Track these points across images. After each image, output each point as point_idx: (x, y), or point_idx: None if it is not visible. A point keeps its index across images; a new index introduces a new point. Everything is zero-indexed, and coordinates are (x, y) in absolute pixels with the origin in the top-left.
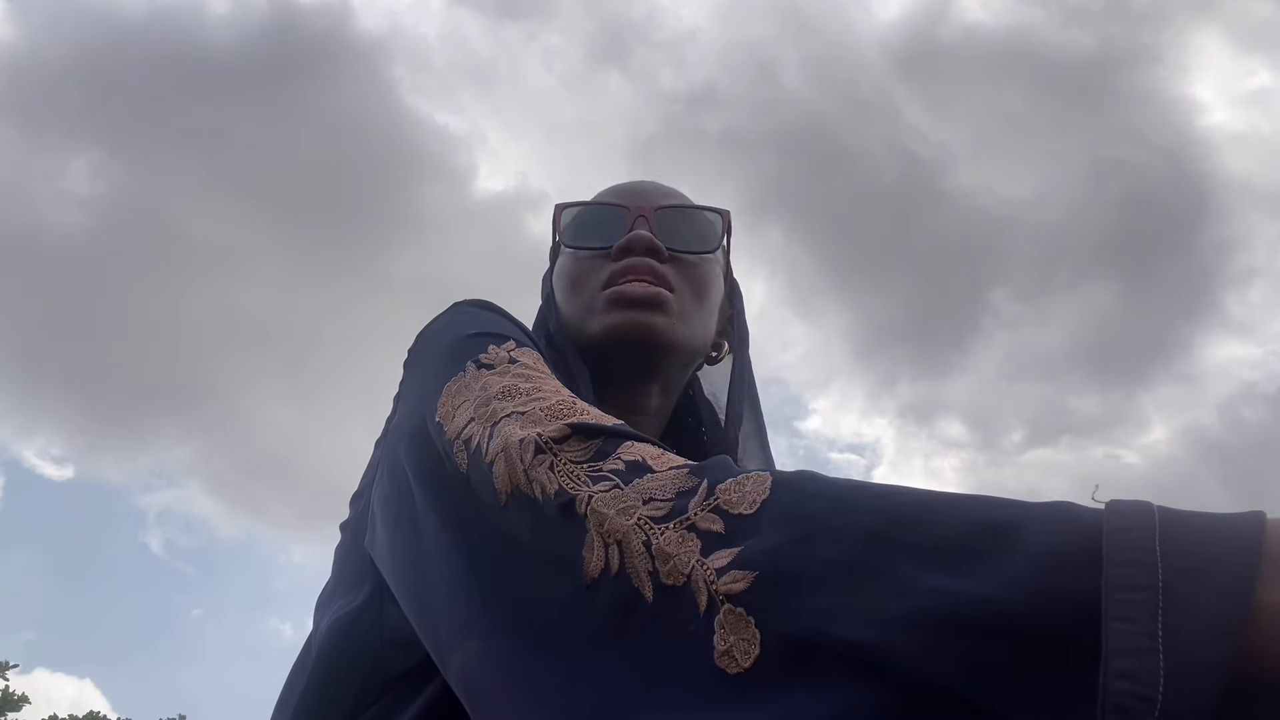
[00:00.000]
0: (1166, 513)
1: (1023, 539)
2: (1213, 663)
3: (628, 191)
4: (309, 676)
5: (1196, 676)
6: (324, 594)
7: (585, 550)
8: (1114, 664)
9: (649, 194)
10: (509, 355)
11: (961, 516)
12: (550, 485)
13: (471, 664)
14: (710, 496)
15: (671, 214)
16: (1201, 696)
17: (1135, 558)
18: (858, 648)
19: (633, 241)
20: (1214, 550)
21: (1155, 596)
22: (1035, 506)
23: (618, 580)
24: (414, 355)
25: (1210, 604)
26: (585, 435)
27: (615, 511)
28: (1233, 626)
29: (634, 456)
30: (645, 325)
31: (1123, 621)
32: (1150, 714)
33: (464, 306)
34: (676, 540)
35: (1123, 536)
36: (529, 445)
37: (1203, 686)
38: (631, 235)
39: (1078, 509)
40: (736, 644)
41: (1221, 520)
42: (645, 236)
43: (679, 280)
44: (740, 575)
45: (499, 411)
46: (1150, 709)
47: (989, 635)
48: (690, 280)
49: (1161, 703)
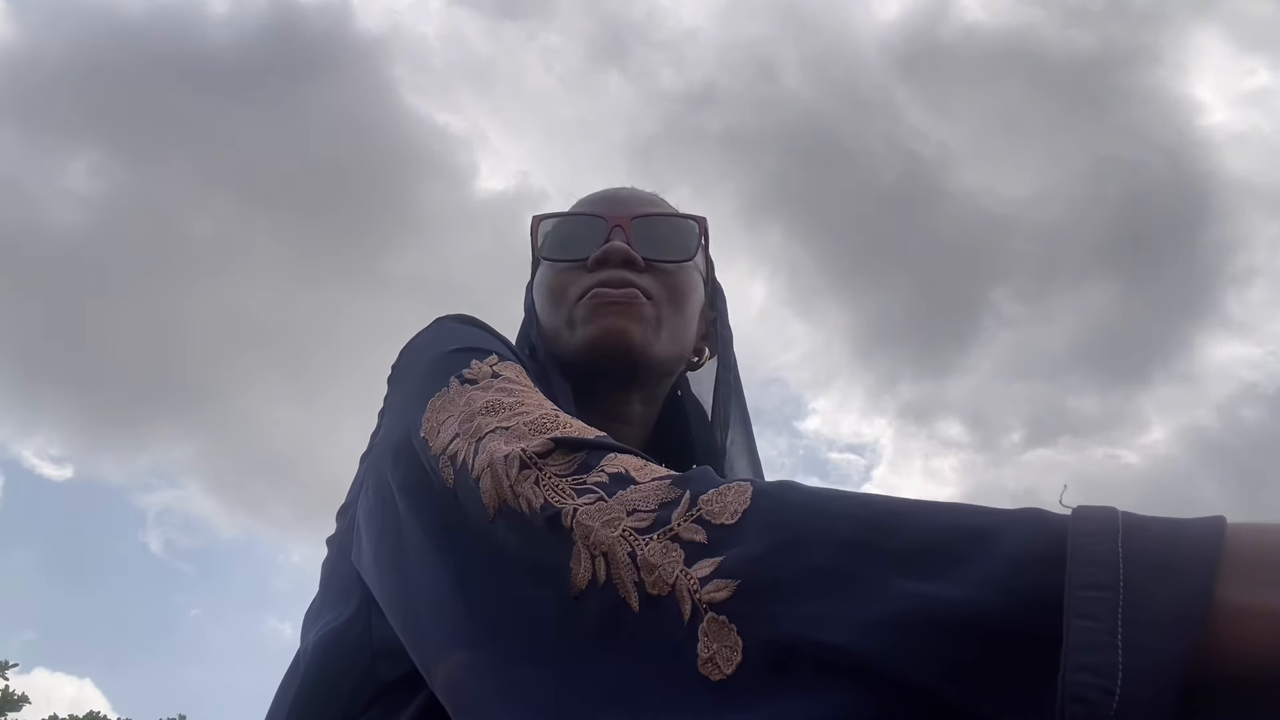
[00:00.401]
0: (1130, 517)
1: (993, 543)
2: (1170, 657)
3: (605, 200)
4: (298, 689)
5: (1154, 670)
6: (311, 608)
7: (572, 562)
8: (1075, 657)
9: (626, 203)
10: (492, 370)
11: (936, 523)
12: (536, 499)
13: (458, 674)
14: (693, 507)
15: (647, 223)
16: (1159, 689)
17: (1098, 558)
18: (838, 652)
19: (608, 253)
20: (1175, 551)
21: (1116, 595)
22: (1007, 512)
23: (605, 591)
24: (398, 371)
25: (1170, 602)
26: (569, 449)
27: (600, 524)
28: (1191, 623)
29: (617, 468)
30: (622, 333)
31: (1084, 618)
32: (1109, 705)
33: (447, 321)
34: (660, 551)
35: (1087, 539)
36: (514, 460)
37: (1160, 680)
38: (607, 247)
39: (1046, 514)
40: (719, 651)
41: (1184, 524)
42: (620, 248)
43: (656, 289)
44: (723, 584)
45: (483, 427)
46: (1109, 700)
47: (963, 635)
48: (668, 289)
49: (1120, 694)
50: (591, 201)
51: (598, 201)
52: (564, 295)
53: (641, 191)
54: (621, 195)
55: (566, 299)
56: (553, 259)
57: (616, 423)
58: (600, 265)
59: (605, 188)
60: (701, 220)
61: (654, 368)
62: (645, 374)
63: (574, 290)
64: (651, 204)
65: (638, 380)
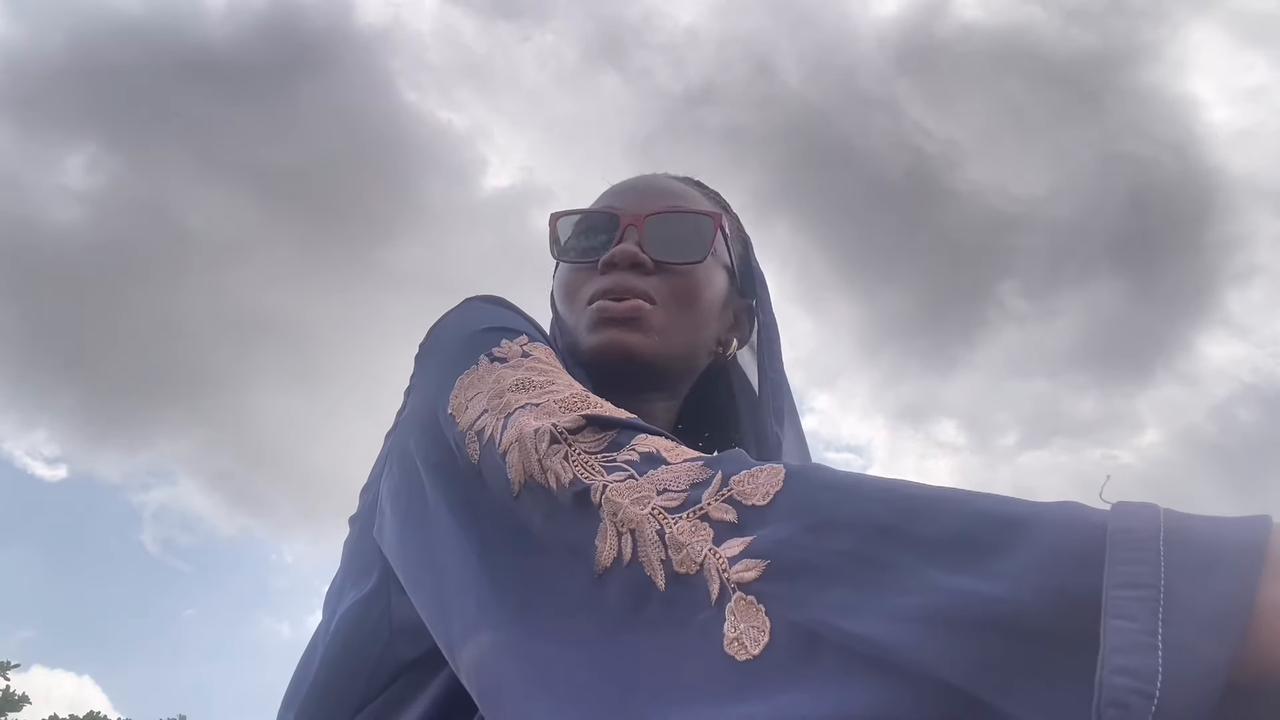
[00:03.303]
0: (1172, 515)
1: (1029, 536)
2: (1212, 660)
3: (623, 192)
4: (318, 666)
5: (1195, 673)
6: (333, 587)
7: (598, 539)
8: (1113, 660)
9: (644, 197)
10: (522, 349)
11: (970, 510)
12: (565, 475)
13: (484, 656)
14: (724, 487)
15: (661, 221)
16: (1200, 693)
17: (1138, 557)
18: (867, 643)
19: (616, 256)
20: (1217, 551)
21: (1156, 595)
22: (1043, 505)
23: (630, 569)
24: (426, 349)
25: (1211, 603)
26: (600, 427)
27: (630, 501)
28: (1233, 625)
29: (649, 448)
30: (623, 345)
31: (1122, 619)
32: (1148, 710)
33: (477, 301)
34: (689, 529)
35: (1127, 536)
36: (544, 435)
37: (1201, 683)
38: (615, 250)
39: (1085, 509)
40: (746, 631)
41: (1226, 523)
42: (628, 252)
43: (664, 291)
44: (752, 564)
45: (513, 403)
46: (1148, 705)
47: (996, 632)
48: (678, 290)
49: (1159, 698)
50: (611, 195)
51: (616, 194)
52: (577, 296)
53: (665, 181)
54: (640, 187)
55: (579, 300)
56: (565, 260)
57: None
58: (609, 268)
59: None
60: (717, 215)
61: (660, 372)
62: (651, 379)
63: (585, 292)
64: (670, 197)
65: (647, 385)
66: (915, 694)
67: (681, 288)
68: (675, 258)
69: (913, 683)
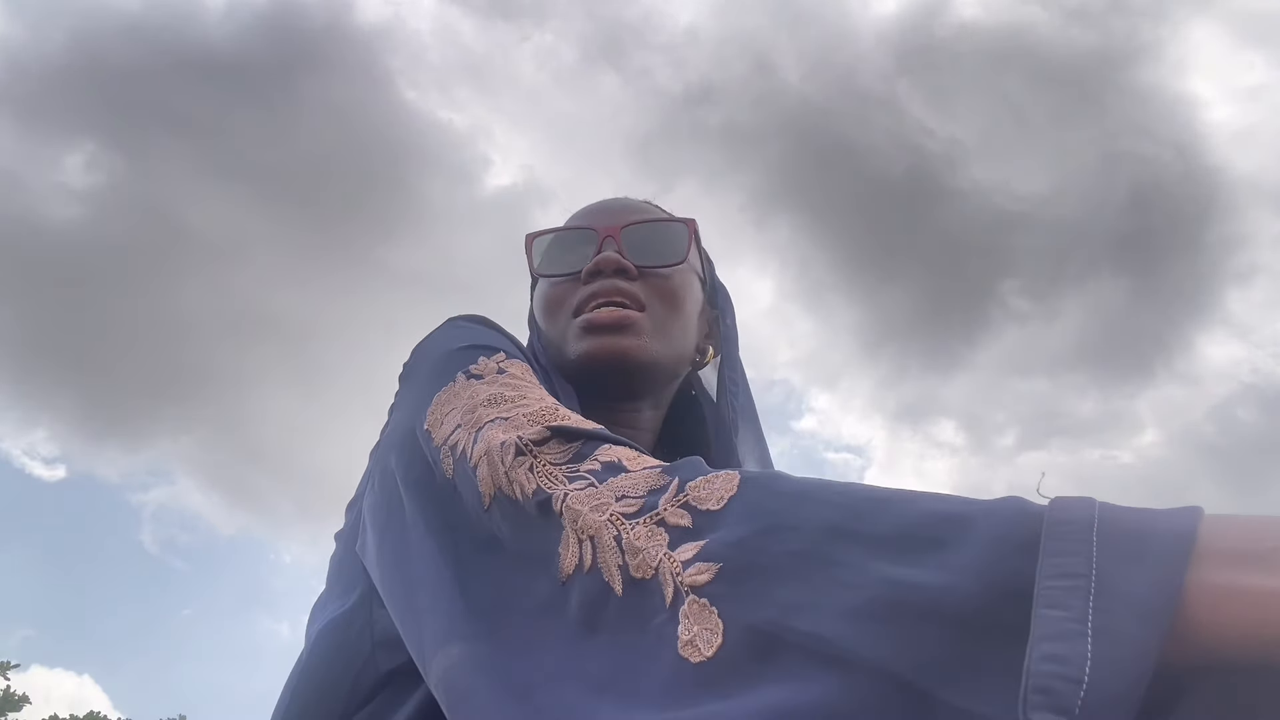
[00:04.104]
0: (1107, 507)
1: (972, 530)
2: (1141, 645)
3: (595, 212)
4: (299, 679)
5: (1124, 658)
6: (318, 603)
7: (561, 548)
8: (1040, 648)
9: (616, 213)
10: (498, 366)
11: (916, 509)
12: (529, 485)
13: (452, 667)
14: (680, 493)
15: (637, 230)
16: (1129, 678)
17: (1071, 548)
18: (816, 639)
19: (600, 264)
20: (1148, 540)
21: (1088, 584)
22: (986, 502)
23: (590, 576)
24: (408, 368)
25: (1141, 590)
26: (565, 438)
27: (589, 508)
28: (1162, 611)
29: (610, 458)
30: (616, 350)
31: (1053, 608)
32: (1075, 695)
33: (458, 321)
34: (646, 535)
35: (1061, 528)
36: (509, 448)
37: (1131, 668)
38: (599, 257)
39: (1025, 503)
40: (700, 633)
41: (1159, 514)
42: (612, 258)
43: (651, 295)
44: (705, 567)
45: (484, 418)
46: (1075, 689)
47: (938, 624)
48: (662, 294)
49: (1088, 683)
50: (582, 215)
51: (588, 214)
52: (560, 309)
53: (632, 200)
54: (611, 206)
55: (563, 313)
56: (547, 275)
57: (625, 429)
58: (593, 276)
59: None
60: (690, 222)
61: (653, 375)
62: (645, 383)
63: (569, 304)
64: (641, 211)
65: (640, 390)
66: (866, 688)
67: (666, 290)
68: (656, 262)
69: (864, 676)
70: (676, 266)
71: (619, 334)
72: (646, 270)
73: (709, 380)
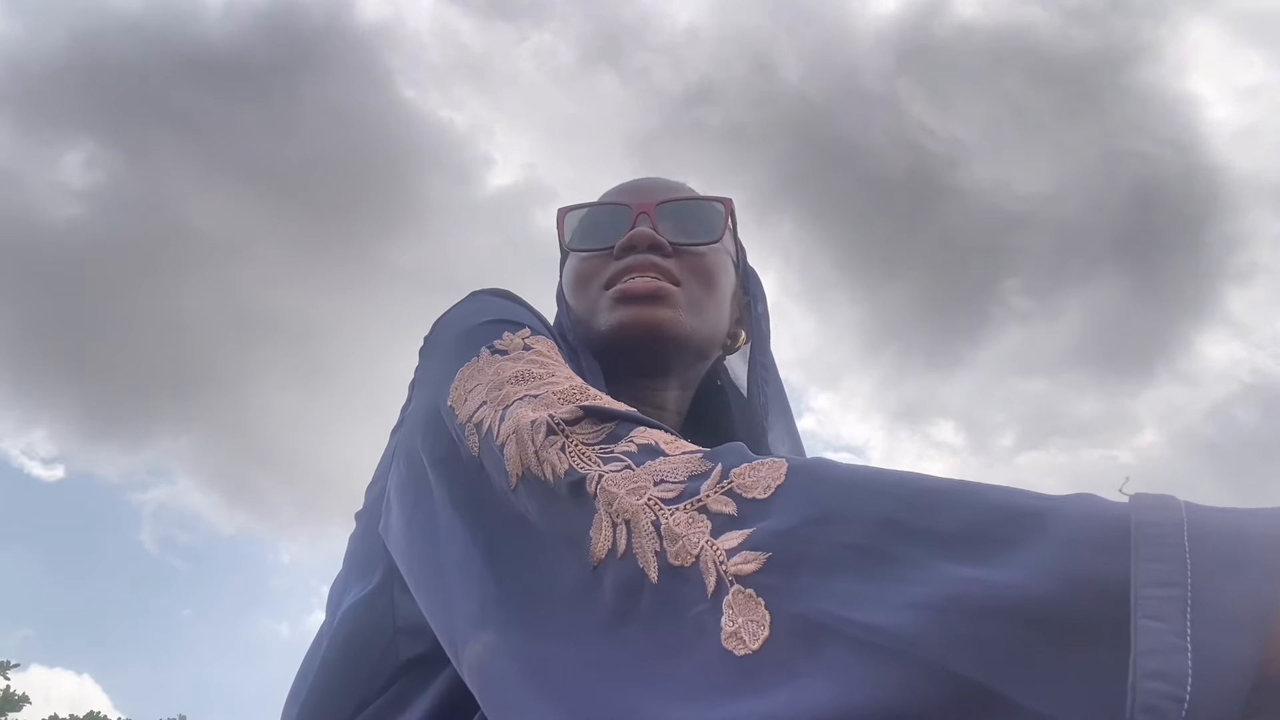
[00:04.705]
0: (1194, 508)
1: (1046, 528)
2: (1240, 661)
3: (629, 189)
4: (321, 664)
5: (1224, 675)
6: (336, 584)
7: (593, 531)
8: (1145, 663)
9: (650, 190)
10: (524, 342)
11: (983, 502)
12: (561, 465)
13: (486, 655)
14: (724, 480)
15: (673, 208)
16: (1227, 695)
17: (1164, 553)
18: (874, 631)
19: (634, 239)
20: (1242, 548)
21: (1184, 594)
22: (1060, 498)
23: (624, 561)
24: (430, 342)
25: (1239, 602)
26: (598, 418)
27: (625, 491)
28: (1261, 625)
29: (647, 440)
30: (651, 320)
31: (1153, 619)
32: (1179, 714)
33: (481, 294)
34: (686, 521)
35: (1151, 530)
36: (540, 426)
37: (1229, 685)
38: (633, 233)
39: (1103, 501)
40: (745, 625)
41: (1248, 515)
42: (646, 233)
43: (686, 273)
44: (751, 556)
45: (511, 395)
46: (1179, 709)
47: (1007, 620)
48: (697, 272)
49: (1189, 702)
50: (617, 191)
51: (623, 191)
52: (591, 283)
53: (668, 180)
54: (646, 184)
55: (593, 287)
56: (579, 249)
57: (651, 408)
58: (626, 251)
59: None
60: (728, 201)
61: (686, 351)
62: (678, 358)
63: (600, 278)
64: (676, 190)
65: (671, 366)
66: (922, 682)
67: (701, 268)
68: (691, 239)
69: (919, 670)
70: (711, 245)
71: (653, 304)
72: (681, 247)
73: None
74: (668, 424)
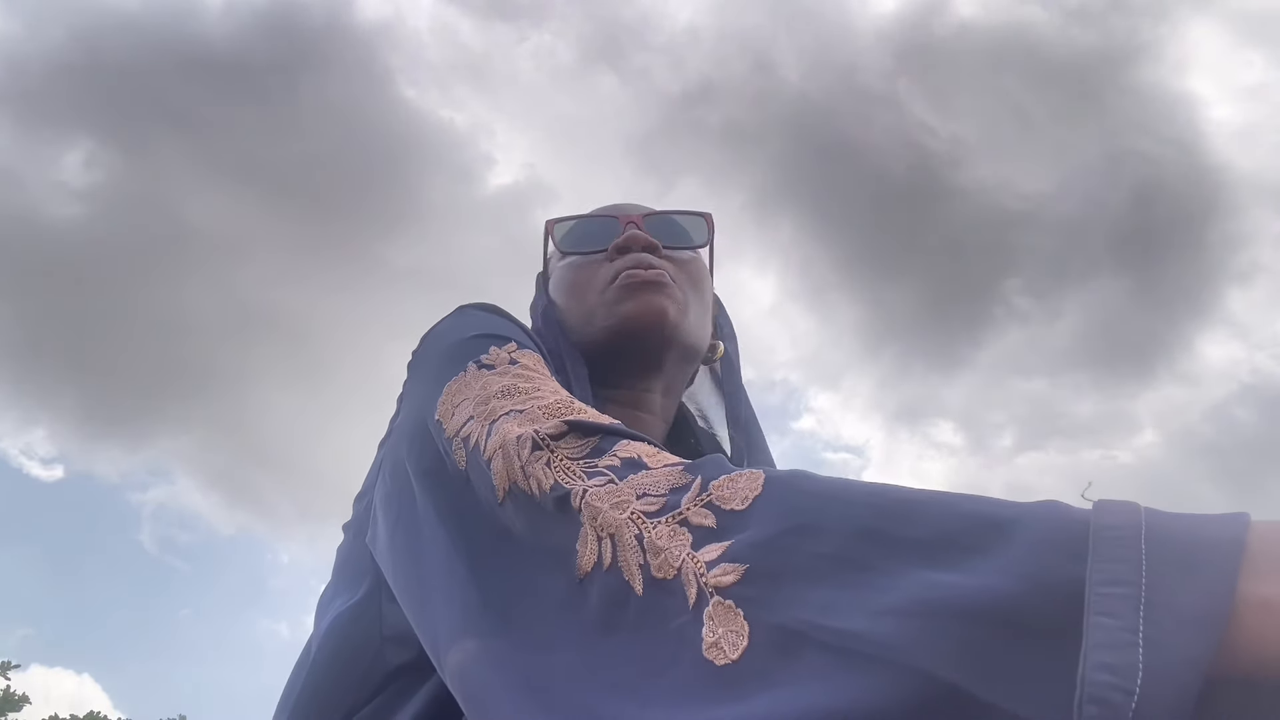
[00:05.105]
0: (1153, 513)
1: (1013, 534)
2: (1192, 656)
3: (614, 207)
4: (308, 673)
5: (1175, 669)
6: (325, 595)
7: (579, 544)
8: (1094, 657)
9: (635, 207)
10: (510, 356)
11: (953, 512)
12: (546, 480)
13: (468, 662)
14: (703, 492)
15: (659, 219)
16: (1179, 689)
17: (1120, 554)
18: (851, 637)
19: (630, 240)
20: (1197, 549)
21: (1138, 592)
22: (1026, 505)
23: (609, 574)
24: (417, 357)
25: (1192, 599)
26: (582, 432)
27: (609, 505)
28: (1213, 621)
29: (630, 454)
30: (658, 307)
31: (1105, 615)
32: (1128, 705)
33: (468, 309)
34: (668, 534)
35: (1109, 534)
36: (526, 441)
37: (1181, 679)
38: (628, 234)
39: (1067, 508)
40: (725, 635)
41: (1206, 520)
42: (640, 235)
43: (677, 274)
44: (730, 568)
45: (497, 410)
46: (1128, 700)
47: (976, 621)
48: (687, 274)
49: (1139, 694)
50: (601, 209)
51: (607, 208)
52: (589, 286)
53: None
54: (628, 204)
55: (592, 289)
56: (573, 252)
57: (638, 412)
58: (621, 252)
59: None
60: (708, 216)
61: (681, 350)
62: (673, 356)
63: (598, 281)
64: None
65: (665, 361)
66: (900, 685)
67: (691, 271)
68: (680, 244)
69: (897, 674)
70: (699, 249)
71: (659, 292)
72: (671, 250)
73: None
74: (654, 430)
